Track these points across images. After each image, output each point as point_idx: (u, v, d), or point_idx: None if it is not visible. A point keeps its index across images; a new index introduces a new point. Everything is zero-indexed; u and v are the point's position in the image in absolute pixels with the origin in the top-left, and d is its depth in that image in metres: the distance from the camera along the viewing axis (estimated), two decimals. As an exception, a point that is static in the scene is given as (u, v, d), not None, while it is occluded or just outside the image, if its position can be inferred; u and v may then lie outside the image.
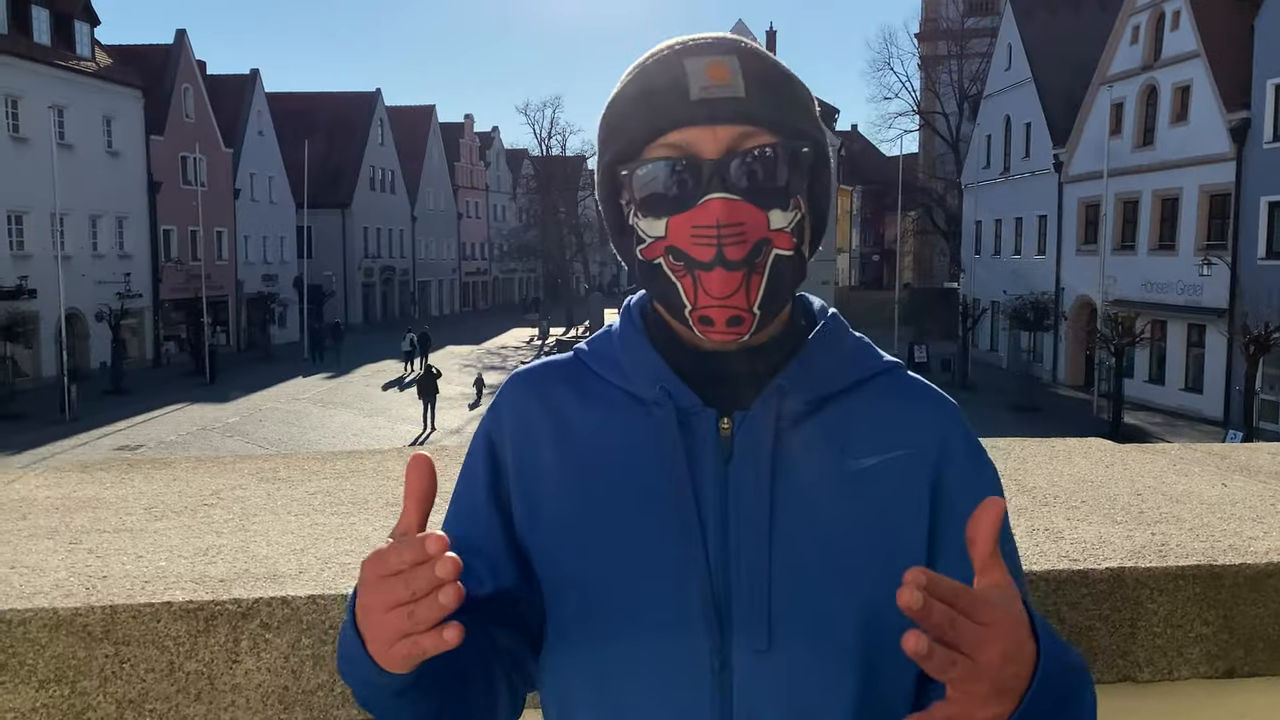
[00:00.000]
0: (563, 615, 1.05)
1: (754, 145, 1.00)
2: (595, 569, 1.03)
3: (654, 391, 1.06)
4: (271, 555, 1.62)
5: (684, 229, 1.00)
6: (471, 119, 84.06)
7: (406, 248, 71.50)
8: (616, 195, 1.09)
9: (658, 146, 1.02)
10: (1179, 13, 30.80)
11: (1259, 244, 27.45)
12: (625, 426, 1.07)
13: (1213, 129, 29.21)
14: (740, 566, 1.01)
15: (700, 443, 1.04)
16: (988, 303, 42.99)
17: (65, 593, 1.44)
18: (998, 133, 44.43)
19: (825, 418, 1.06)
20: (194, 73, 47.19)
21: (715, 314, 1.01)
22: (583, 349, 1.15)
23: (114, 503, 1.97)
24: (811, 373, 1.06)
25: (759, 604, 1.00)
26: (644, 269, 1.06)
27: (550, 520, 1.06)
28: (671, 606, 1.00)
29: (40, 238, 35.71)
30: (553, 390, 1.12)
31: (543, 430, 1.09)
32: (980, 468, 1.08)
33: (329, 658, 1.44)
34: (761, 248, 1.00)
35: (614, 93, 1.08)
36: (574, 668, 1.05)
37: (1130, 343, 28.38)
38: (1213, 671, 1.60)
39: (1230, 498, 2.00)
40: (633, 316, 1.14)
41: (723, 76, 1.00)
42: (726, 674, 1.00)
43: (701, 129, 1.00)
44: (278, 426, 29.51)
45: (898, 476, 1.04)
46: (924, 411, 1.09)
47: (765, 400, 1.04)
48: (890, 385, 1.10)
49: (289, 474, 2.22)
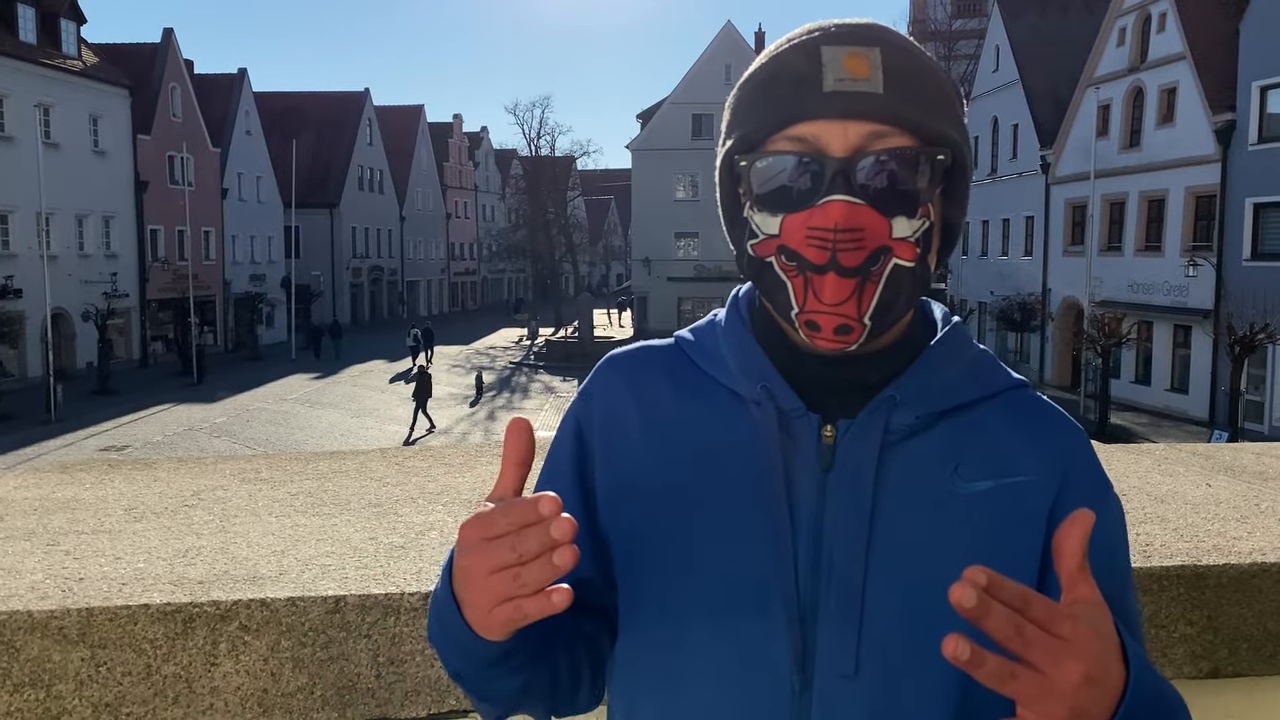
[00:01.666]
0: (638, 610, 1.01)
1: (886, 146, 0.93)
2: (676, 565, 0.98)
3: (755, 390, 1.01)
4: (251, 557, 1.61)
5: (799, 229, 0.94)
6: (460, 119, 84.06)
7: (395, 248, 71.35)
8: (735, 184, 1.03)
9: (782, 139, 0.95)
10: (1165, 15, 30.94)
11: (1244, 245, 27.59)
12: (721, 422, 1.01)
13: (1198, 131, 29.35)
14: (831, 583, 0.95)
15: (799, 448, 0.98)
16: (975, 303, 43.10)
17: (41, 595, 1.42)
18: (985, 134, 44.54)
19: (938, 434, 0.99)
20: (181, 72, 46.96)
21: (823, 320, 0.95)
22: (685, 337, 1.10)
23: (93, 504, 1.95)
24: (927, 385, 1.00)
25: (849, 626, 0.94)
26: (754, 265, 1.00)
27: (634, 511, 1.01)
28: (754, 614, 0.95)
29: (26, 237, 35.50)
30: (648, 377, 1.07)
31: (633, 418, 1.04)
32: (1107, 504, 0.99)
33: (308, 660, 1.42)
34: (880, 256, 0.94)
35: (746, 73, 1.02)
36: (645, 666, 1.01)
37: (1117, 343, 28.48)
38: (1197, 672, 1.60)
39: (1215, 498, 2.00)
40: (740, 310, 1.09)
41: (861, 69, 0.93)
42: (807, 696, 0.95)
43: (831, 123, 0.93)
44: (265, 427, 29.40)
45: (1013, 504, 0.97)
46: (1050, 437, 1.01)
47: (874, 410, 0.98)
48: (1015, 405, 1.03)
49: (271, 475, 2.20)
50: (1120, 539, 1.02)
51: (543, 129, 79.72)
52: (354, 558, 1.60)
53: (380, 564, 1.57)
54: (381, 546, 1.66)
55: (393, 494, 2.03)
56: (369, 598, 1.44)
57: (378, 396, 35.79)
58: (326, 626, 1.43)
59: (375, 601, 1.44)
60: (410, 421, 29.06)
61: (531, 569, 0.78)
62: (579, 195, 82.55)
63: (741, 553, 0.97)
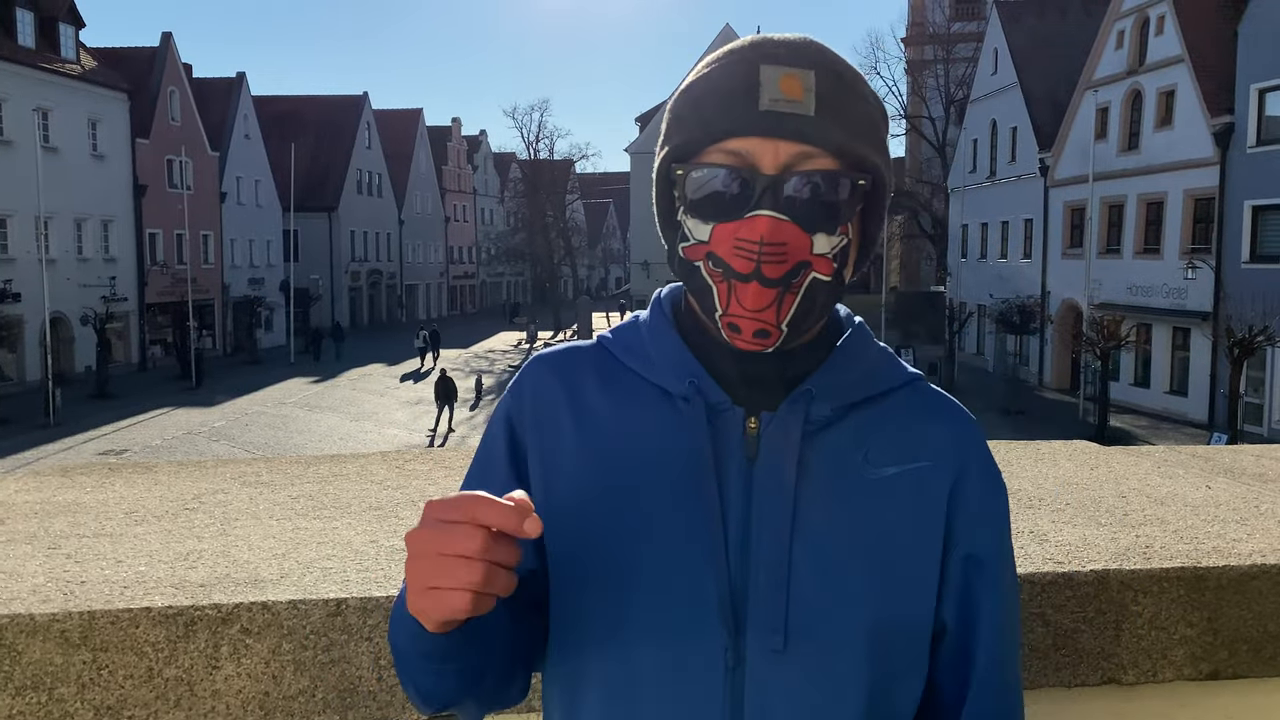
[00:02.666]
0: (574, 602, 1.04)
1: (812, 168, 0.99)
2: (611, 560, 1.02)
3: (683, 386, 1.05)
4: (252, 560, 1.61)
5: (727, 239, 1.00)
6: (459, 122, 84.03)
7: (394, 251, 71.38)
8: (670, 188, 1.08)
9: (717, 151, 1.01)
10: (1164, 18, 30.98)
11: (1243, 248, 27.62)
12: (650, 419, 1.06)
13: (1197, 133, 29.38)
14: (759, 565, 1.01)
15: (726, 441, 1.04)
16: (974, 306, 43.11)
17: (42, 598, 1.42)
18: (984, 137, 44.60)
19: (850, 424, 1.06)
20: (180, 76, 46.99)
21: (744, 324, 1.01)
22: (607, 337, 1.13)
23: (94, 507, 1.95)
24: (840, 379, 1.07)
25: (776, 603, 1.00)
26: (683, 266, 1.06)
27: (567, 508, 1.05)
28: (688, 602, 1.00)
29: (24, 241, 35.49)
30: (577, 375, 1.11)
31: (565, 415, 1.08)
32: (996, 489, 1.10)
33: (310, 663, 1.42)
34: (800, 270, 1.00)
35: (686, 82, 1.07)
36: (584, 657, 1.04)
37: (1116, 346, 28.49)
38: (1197, 673, 1.60)
39: (1214, 500, 2.00)
40: (664, 309, 1.13)
41: (795, 91, 0.99)
42: (740, 672, 1.00)
43: (764, 141, 0.98)
44: (264, 430, 29.39)
45: (917, 487, 1.05)
46: (946, 427, 1.10)
47: (793, 403, 1.04)
48: (914, 398, 1.11)
49: (271, 478, 2.20)
50: (1007, 518, 1.11)
51: (541, 132, 79.63)
52: (355, 561, 1.60)
53: (381, 567, 1.57)
54: (383, 549, 1.67)
55: (393, 497, 2.04)
56: (370, 600, 1.44)
57: (377, 400, 35.79)
58: (328, 629, 1.43)
59: (377, 604, 1.44)
60: (433, 426, 29.12)
61: (478, 566, 0.84)
62: (578, 199, 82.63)
63: (675, 541, 1.01)
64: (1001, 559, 1.09)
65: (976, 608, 1.07)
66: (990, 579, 1.07)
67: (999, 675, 1.08)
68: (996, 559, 1.08)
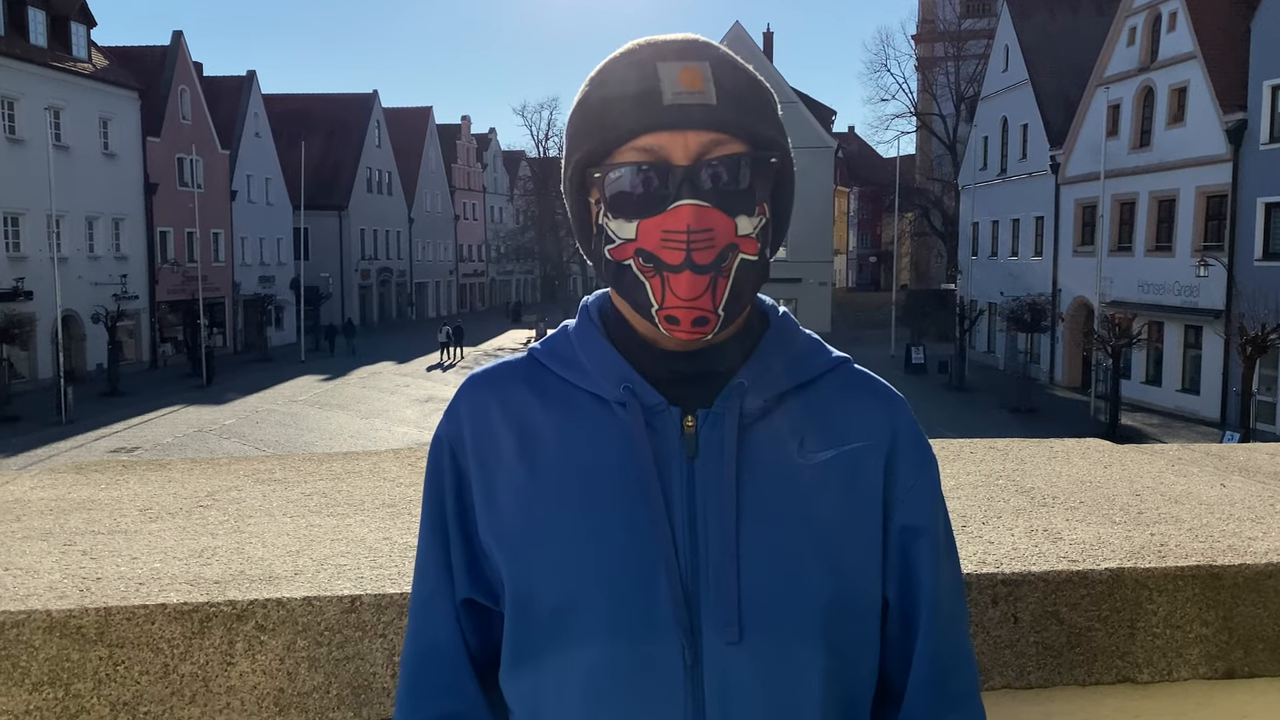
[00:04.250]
0: (529, 620, 1.05)
1: (724, 153, 1.02)
2: (563, 570, 1.03)
3: (618, 391, 1.07)
4: (267, 557, 1.62)
5: (654, 233, 1.02)
6: (468, 120, 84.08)
7: (403, 249, 71.47)
8: (585, 194, 1.10)
9: (629, 150, 1.03)
10: (1176, 14, 30.85)
11: (1255, 245, 27.49)
12: (588, 427, 1.07)
13: (1209, 130, 29.25)
14: (709, 562, 1.02)
15: (665, 441, 1.06)
16: (985, 304, 43.02)
17: (59, 595, 1.43)
18: (994, 134, 44.47)
19: (784, 413, 1.09)
20: (190, 74, 47.14)
21: (681, 314, 1.03)
22: (537, 349, 1.15)
23: (109, 504, 1.96)
24: (768, 371, 1.09)
25: (728, 597, 1.01)
26: (612, 268, 1.07)
27: (515, 525, 1.06)
28: (642, 605, 1.02)
29: (36, 239, 35.67)
30: (512, 392, 1.11)
31: (504, 434, 1.09)
32: (925, 460, 1.13)
33: (324, 659, 1.43)
34: (728, 253, 1.02)
35: (584, 91, 1.09)
36: (541, 672, 1.05)
37: (1127, 344, 28.39)
38: (1212, 672, 1.59)
39: (1229, 498, 1.99)
40: (591, 317, 1.15)
41: (695, 82, 1.02)
42: (698, 669, 1.01)
43: (674, 134, 1.01)
44: (275, 428, 29.48)
45: (853, 469, 1.08)
46: (875, 406, 1.13)
47: (727, 397, 1.07)
48: (842, 380, 1.14)
49: (285, 475, 2.21)
50: (939, 488, 1.14)
51: (551, 130, 79.67)
52: (369, 557, 1.61)
53: (395, 564, 1.57)
54: (396, 546, 1.67)
55: (406, 494, 2.04)
56: (384, 597, 1.44)
57: (387, 398, 35.87)
58: (342, 626, 1.43)
59: (391, 601, 1.44)
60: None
61: None
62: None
63: (624, 546, 1.03)
64: (936, 527, 1.11)
65: (916, 574, 1.10)
66: (928, 546, 1.10)
67: (943, 638, 1.10)
68: (931, 528, 1.11)
